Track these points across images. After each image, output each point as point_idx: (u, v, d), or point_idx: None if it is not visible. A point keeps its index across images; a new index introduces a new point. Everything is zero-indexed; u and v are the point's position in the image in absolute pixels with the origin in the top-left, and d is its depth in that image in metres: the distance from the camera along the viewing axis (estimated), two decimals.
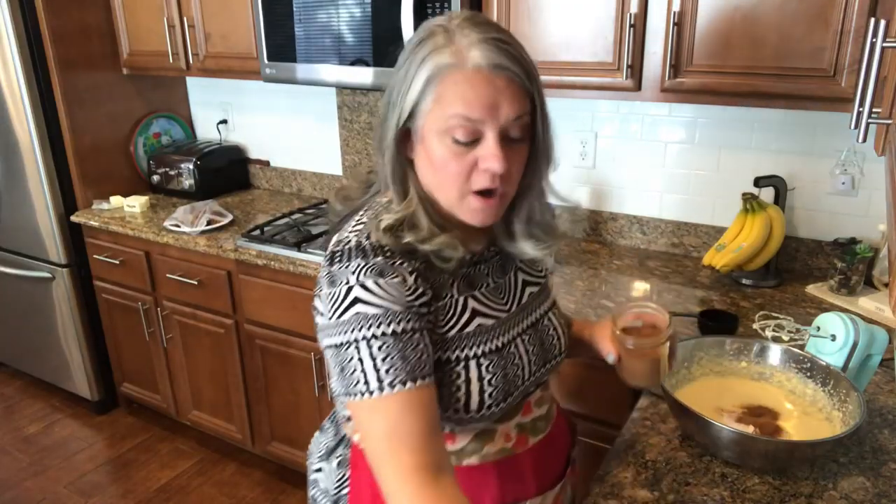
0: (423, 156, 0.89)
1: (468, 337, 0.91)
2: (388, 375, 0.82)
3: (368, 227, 0.89)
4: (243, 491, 2.49)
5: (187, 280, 2.38)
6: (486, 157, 0.84)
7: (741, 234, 1.79)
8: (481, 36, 0.83)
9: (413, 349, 0.83)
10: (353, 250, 0.86)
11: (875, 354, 1.20)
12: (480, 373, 0.91)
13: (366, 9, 1.93)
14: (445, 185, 0.88)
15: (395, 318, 0.83)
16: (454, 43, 0.83)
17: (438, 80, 0.83)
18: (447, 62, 0.82)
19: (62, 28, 2.51)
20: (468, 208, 0.89)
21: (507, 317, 0.98)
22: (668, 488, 1.04)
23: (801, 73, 1.49)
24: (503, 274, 1.01)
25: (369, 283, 0.83)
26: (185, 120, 3.04)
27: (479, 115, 0.83)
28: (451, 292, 0.92)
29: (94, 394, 2.92)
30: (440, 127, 0.84)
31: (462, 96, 0.82)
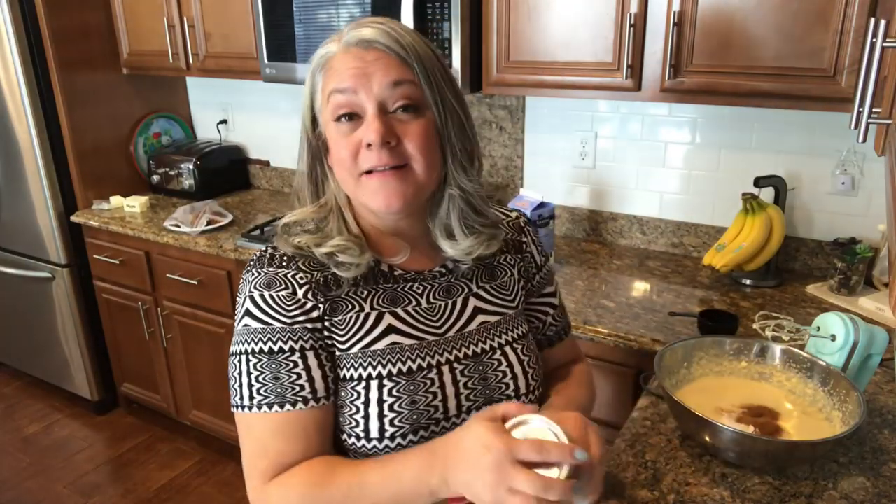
0: (330, 149, 0.86)
1: (376, 355, 0.85)
2: (258, 395, 0.81)
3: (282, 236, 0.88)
4: (243, 491, 2.47)
5: (187, 280, 2.38)
6: (364, 130, 0.81)
7: (741, 234, 1.79)
8: (360, 22, 0.84)
9: (288, 371, 0.81)
10: (256, 260, 0.87)
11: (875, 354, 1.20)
12: (381, 395, 0.83)
13: (366, 9, 1.93)
14: (342, 173, 0.85)
15: (273, 336, 0.82)
16: (339, 36, 0.84)
17: (321, 71, 0.84)
18: (326, 51, 0.84)
19: (62, 28, 2.51)
20: (367, 191, 0.83)
21: (435, 340, 0.89)
22: (668, 488, 1.04)
23: (801, 73, 1.49)
24: (447, 296, 0.92)
25: (256, 295, 0.83)
26: (185, 120, 3.04)
27: (350, 84, 0.80)
28: (361, 306, 0.86)
29: (94, 394, 2.92)
30: (328, 114, 0.83)
31: (335, 72, 0.82)
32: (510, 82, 1.86)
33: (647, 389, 1.32)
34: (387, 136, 0.80)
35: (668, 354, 1.21)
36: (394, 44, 0.81)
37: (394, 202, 0.82)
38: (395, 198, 0.82)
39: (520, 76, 1.83)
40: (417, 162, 0.82)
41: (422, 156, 0.82)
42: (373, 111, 0.80)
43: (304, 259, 0.85)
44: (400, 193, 0.82)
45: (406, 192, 0.83)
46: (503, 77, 1.86)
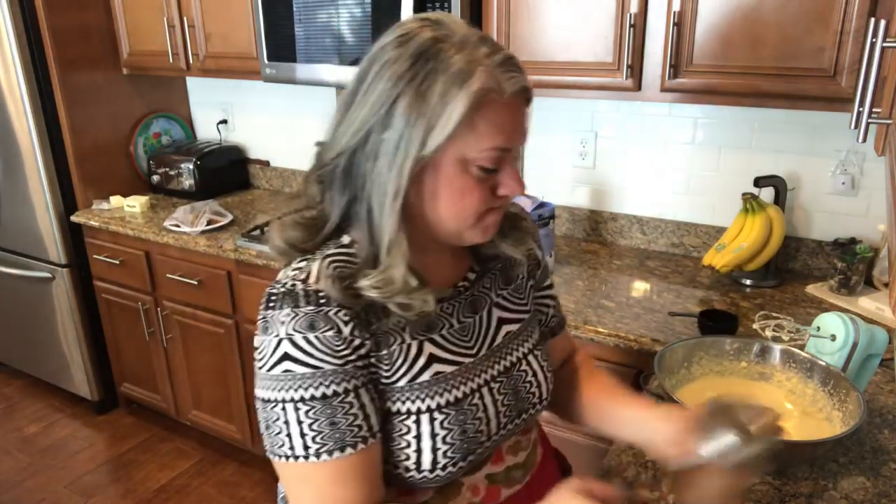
0: (433, 186, 0.78)
1: (423, 387, 0.81)
2: (314, 443, 0.75)
3: (308, 268, 0.79)
4: (243, 491, 2.49)
5: (187, 280, 2.38)
6: (508, 183, 0.80)
7: (741, 234, 1.79)
8: (500, 57, 0.76)
9: (345, 413, 0.76)
10: (285, 295, 0.77)
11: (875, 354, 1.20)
12: (433, 428, 0.81)
13: (366, 8, 1.93)
14: (463, 215, 0.80)
15: (325, 380, 0.75)
16: (480, 61, 0.74)
17: (479, 108, 0.74)
18: (487, 87, 0.73)
19: (62, 28, 2.51)
20: (482, 227, 0.82)
21: (472, 362, 0.87)
22: (668, 488, 1.04)
23: (801, 73, 1.49)
24: (473, 311, 0.90)
25: (298, 338, 0.75)
26: (185, 120, 3.04)
27: (513, 144, 0.79)
28: (402, 337, 0.81)
29: (94, 394, 2.92)
30: (469, 155, 0.76)
31: (501, 127, 0.76)
32: None
33: (647, 389, 1.32)
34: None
35: (668, 354, 1.21)
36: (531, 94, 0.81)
37: (494, 233, 0.86)
38: (496, 228, 0.85)
39: None
40: None
41: None
42: (512, 165, 0.81)
43: (337, 292, 0.77)
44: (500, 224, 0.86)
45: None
46: None
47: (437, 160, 0.76)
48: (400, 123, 0.74)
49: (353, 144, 0.78)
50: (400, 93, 0.74)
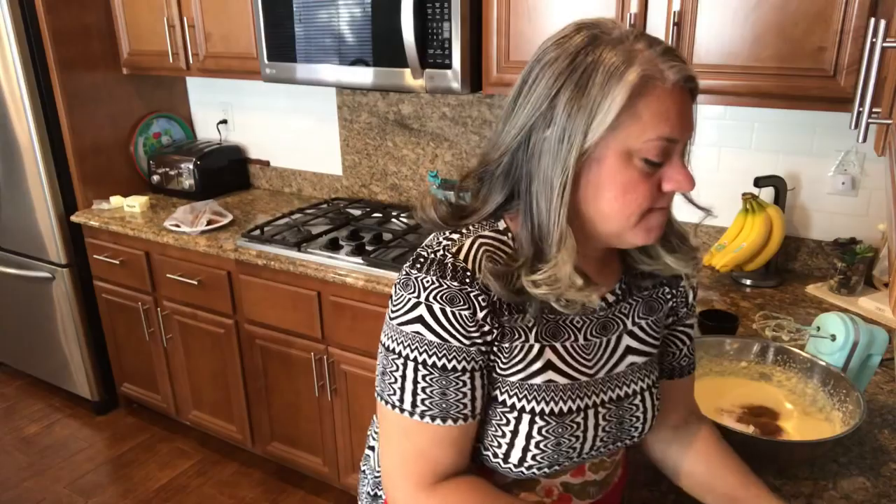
0: (597, 181, 0.77)
1: (533, 389, 0.83)
2: (422, 405, 0.80)
3: (460, 242, 0.81)
4: (243, 491, 2.49)
5: (187, 280, 2.38)
6: (676, 178, 0.78)
7: (741, 234, 1.79)
8: (661, 47, 0.75)
9: (457, 389, 0.80)
10: (434, 263, 0.79)
11: (875, 354, 1.20)
12: (531, 431, 0.83)
13: (366, 9, 1.93)
14: (626, 211, 0.78)
15: (448, 353, 0.78)
16: (639, 53, 0.73)
17: (641, 96, 0.73)
18: (647, 74, 0.73)
19: (62, 28, 2.51)
20: (646, 227, 0.80)
21: (587, 381, 0.86)
22: (669, 488, 1.04)
23: (801, 73, 1.49)
24: (603, 333, 0.88)
25: (436, 307, 0.78)
26: (185, 120, 3.04)
27: (679, 135, 0.77)
28: (527, 336, 0.82)
29: (94, 394, 2.92)
30: (632, 146, 0.75)
31: (666, 115, 0.74)
32: (510, 82, 1.84)
33: None
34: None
35: None
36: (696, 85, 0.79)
37: (657, 236, 0.83)
38: (660, 231, 0.83)
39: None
40: None
41: None
42: (680, 157, 0.80)
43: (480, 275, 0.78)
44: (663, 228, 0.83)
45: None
46: (503, 77, 1.86)
47: (601, 154, 0.75)
48: (562, 119, 0.74)
49: (515, 144, 0.79)
50: (560, 88, 0.74)
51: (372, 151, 2.57)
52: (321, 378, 2.19)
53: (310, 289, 2.10)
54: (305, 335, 2.18)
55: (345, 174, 2.69)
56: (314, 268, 2.05)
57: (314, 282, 2.07)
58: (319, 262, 2.07)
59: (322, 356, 2.17)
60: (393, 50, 1.91)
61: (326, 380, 2.19)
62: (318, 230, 2.26)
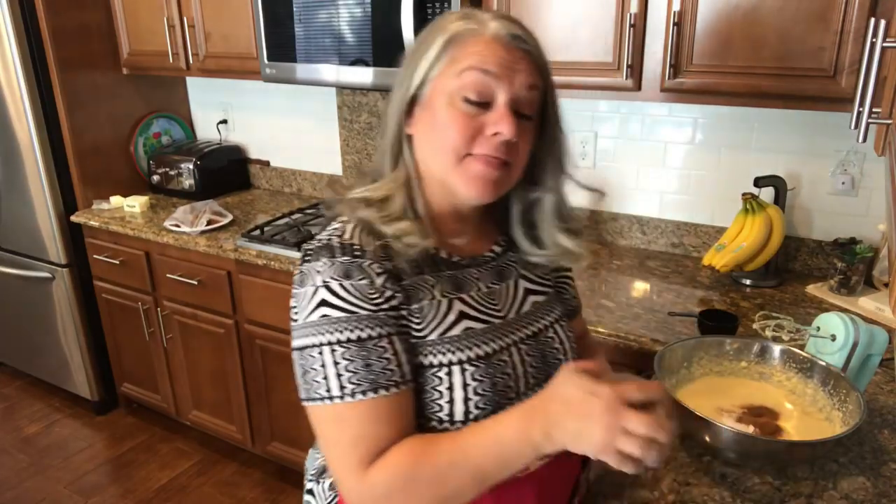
0: (425, 123, 0.86)
1: (453, 340, 0.86)
2: (350, 384, 0.80)
3: (343, 228, 0.87)
4: (243, 491, 2.49)
5: (187, 280, 2.38)
6: (497, 121, 0.83)
7: (741, 234, 1.79)
8: (502, 15, 0.85)
9: (379, 357, 0.81)
10: (321, 249, 0.84)
11: (875, 354, 1.20)
12: (465, 379, 0.85)
13: (366, 9, 1.93)
14: (444, 149, 0.84)
15: (359, 324, 0.80)
16: (475, 16, 0.85)
17: (456, 43, 0.83)
18: (468, 27, 0.83)
19: (62, 28, 2.51)
20: (466, 174, 0.85)
21: (501, 323, 0.93)
22: (668, 488, 1.04)
23: (801, 73, 1.49)
24: (500, 279, 0.97)
25: (334, 284, 0.81)
26: (185, 120, 3.04)
27: (495, 69, 0.82)
28: (432, 294, 0.87)
29: (94, 394, 2.92)
30: (452, 87, 0.83)
31: (479, 53, 0.82)
32: None
33: None
34: (517, 135, 0.83)
35: (668, 354, 1.21)
36: (536, 49, 0.85)
37: (488, 191, 0.86)
38: (490, 189, 0.86)
39: None
40: (518, 165, 0.88)
41: (522, 160, 0.88)
42: (505, 103, 0.83)
43: (371, 248, 0.84)
44: (495, 186, 0.86)
45: (500, 186, 0.87)
46: None
47: (429, 100, 0.85)
48: (401, 76, 0.87)
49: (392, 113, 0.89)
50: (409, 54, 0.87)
51: (372, 151, 2.57)
52: None
53: None
54: None
55: (345, 174, 2.69)
56: None
57: None
58: None
59: None
60: (393, 50, 1.91)
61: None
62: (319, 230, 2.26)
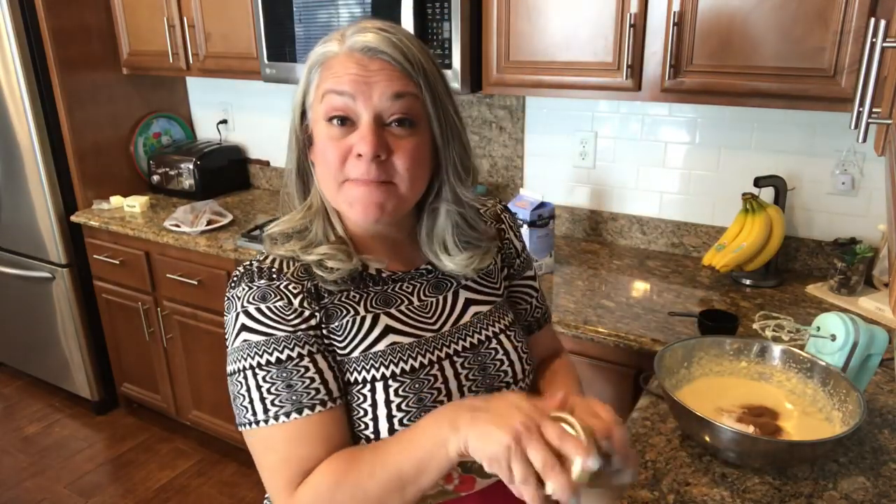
0: (314, 151, 0.86)
1: (377, 357, 0.84)
2: (273, 406, 0.79)
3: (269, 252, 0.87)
4: (243, 491, 2.49)
5: (187, 280, 2.38)
6: (358, 140, 0.80)
7: (741, 234, 1.79)
8: (364, 26, 0.82)
9: (300, 377, 0.80)
10: (243, 275, 0.84)
11: (875, 354, 1.20)
12: (388, 395, 0.83)
13: (366, 9, 1.93)
14: (326, 176, 0.83)
15: (278, 346, 0.80)
16: (339, 36, 0.83)
17: (318, 68, 0.83)
18: (326, 49, 0.83)
19: (62, 28, 2.51)
20: (347, 200, 0.83)
21: (432, 336, 0.89)
22: (668, 488, 1.04)
23: (801, 73, 1.49)
24: (437, 292, 0.93)
25: (252, 309, 0.81)
26: (185, 120, 3.04)
27: (348, 88, 0.79)
28: (356, 310, 0.86)
29: (94, 394, 2.92)
30: (319, 112, 0.83)
31: (334, 74, 0.81)
32: (510, 82, 1.86)
33: (647, 390, 1.32)
34: (378, 150, 0.79)
35: (668, 354, 1.21)
36: (399, 55, 0.80)
37: (371, 214, 0.82)
38: (374, 210, 0.82)
39: (520, 76, 1.83)
40: (402, 180, 0.82)
41: (408, 173, 0.82)
42: (367, 121, 0.80)
43: (291, 269, 0.84)
44: (379, 207, 0.82)
45: (385, 207, 0.83)
46: (503, 77, 1.86)
47: (313, 126, 0.85)
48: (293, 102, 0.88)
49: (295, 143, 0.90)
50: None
51: None
52: None
53: None
54: None
55: None
56: None
57: None
58: None
59: None
60: None
61: None
62: None
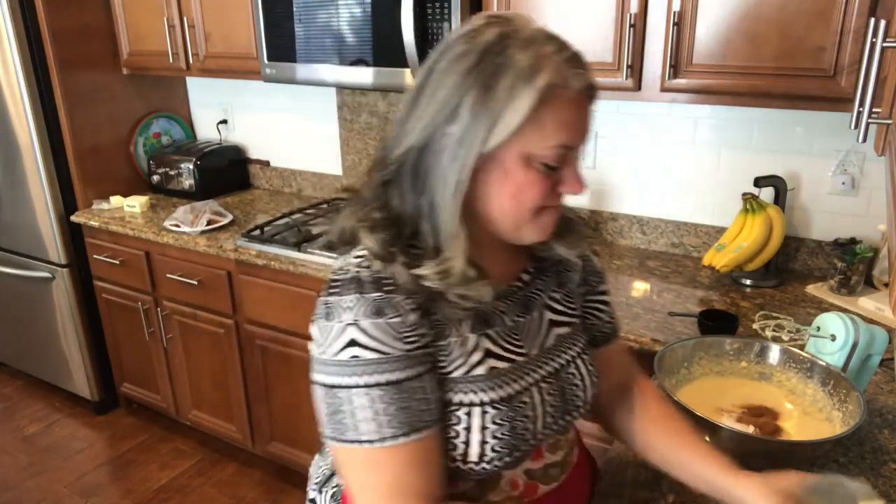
0: (493, 177, 0.78)
1: (477, 380, 0.82)
2: (387, 427, 0.75)
3: (370, 258, 0.79)
4: (243, 491, 2.49)
5: (187, 280, 2.38)
6: (571, 182, 0.80)
7: (741, 234, 1.79)
8: (568, 53, 0.76)
9: (415, 398, 0.77)
10: (349, 282, 0.78)
11: (875, 354, 1.20)
12: (484, 422, 0.81)
13: (366, 9, 1.93)
14: (520, 211, 0.79)
15: (393, 365, 0.76)
16: (548, 58, 0.74)
17: (545, 103, 0.73)
18: (553, 81, 0.73)
19: (62, 28, 2.51)
20: (538, 224, 0.82)
21: (525, 361, 0.87)
22: (668, 488, 1.04)
23: (801, 73, 1.49)
24: (526, 311, 0.90)
25: (366, 323, 0.75)
26: (185, 120, 3.04)
27: (578, 143, 0.78)
28: (460, 330, 0.82)
29: (94, 394, 2.92)
30: (532, 151, 0.75)
31: (568, 123, 0.76)
32: None
33: None
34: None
35: (668, 354, 1.21)
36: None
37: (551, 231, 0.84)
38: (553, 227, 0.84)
39: None
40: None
41: None
42: (575, 164, 0.80)
43: (403, 281, 0.78)
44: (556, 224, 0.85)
45: None
46: None
47: (500, 155, 0.76)
48: (466, 118, 0.74)
49: (420, 141, 0.77)
50: (468, 87, 0.74)
51: (372, 151, 2.57)
52: None
53: (310, 289, 2.10)
54: (305, 335, 2.17)
55: (345, 174, 2.69)
56: (314, 268, 2.05)
57: (314, 282, 2.07)
58: (319, 262, 2.07)
59: None
60: (393, 50, 1.91)
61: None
62: (318, 230, 2.26)
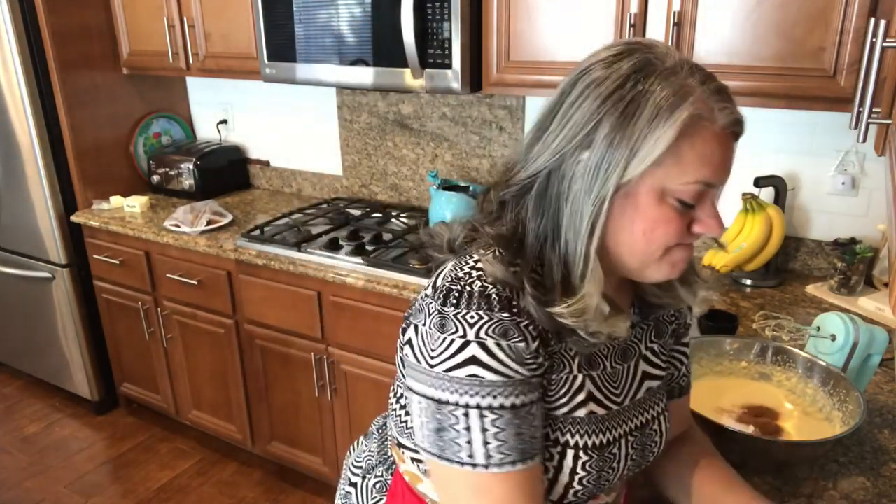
0: (624, 214, 0.73)
1: (576, 423, 0.79)
2: (499, 453, 0.72)
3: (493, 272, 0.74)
4: (243, 491, 2.49)
5: (187, 280, 2.38)
6: (707, 221, 0.74)
7: (741, 234, 1.79)
8: (714, 85, 0.73)
9: (529, 425, 0.74)
10: (474, 296, 0.72)
11: (875, 354, 1.20)
12: (575, 466, 0.79)
13: (366, 9, 1.93)
14: (650, 248, 0.74)
15: (515, 390, 0.72)
16: (691, 89, 0.71)
17: (687, 136, 0.69)
18: (696, 114, 0.70)
19: (62, 28, 2.51)
20: (670, 262, 0.76)
21: (618, 410, 0.84)
22: None
23: (801, 73, 1.49)
24: (624, 360, 0.86)
25: (490, 343, 0.71)
26: (185, 120, 3.04)
27: (718, 181, 0.73)
28: (571, 366, 0.79)
29: (94, 394, 2.92)
30: (668, 186, 0.71)
31: (709, 159, 0.71)
32: (510, 82, 1.86)
33: None
34: None
35: None
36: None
37: (681, 270, 0.79)
38: (684, 266, 0.79)
39: (519, 76, 1.83)
40: None
41: None
42: (712, 202, 0.75)
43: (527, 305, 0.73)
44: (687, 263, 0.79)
45: None
46: (503, 77, 1.86)
47: (635, 188, 0.72)
48: (601, 146, 0.70)
49: (550, 164, 0.74)
50: (605, 114, 0.70)
51: (372, 151, 2.57)
52: (321, 378, 2.19)
53: (310, 289, 2.10)
54: (305, 335, 2.18)
55: (345, 174, 2.69)
56: (314, 268, 2.05)
57: (314, 282, 2.07)
58: (319, 262, 2.07)
59: (322, 356, 2.17)
60: (393, 50, 1.91)
61: (326, 380, 2.19)
62: (318, 230, 2.26)
